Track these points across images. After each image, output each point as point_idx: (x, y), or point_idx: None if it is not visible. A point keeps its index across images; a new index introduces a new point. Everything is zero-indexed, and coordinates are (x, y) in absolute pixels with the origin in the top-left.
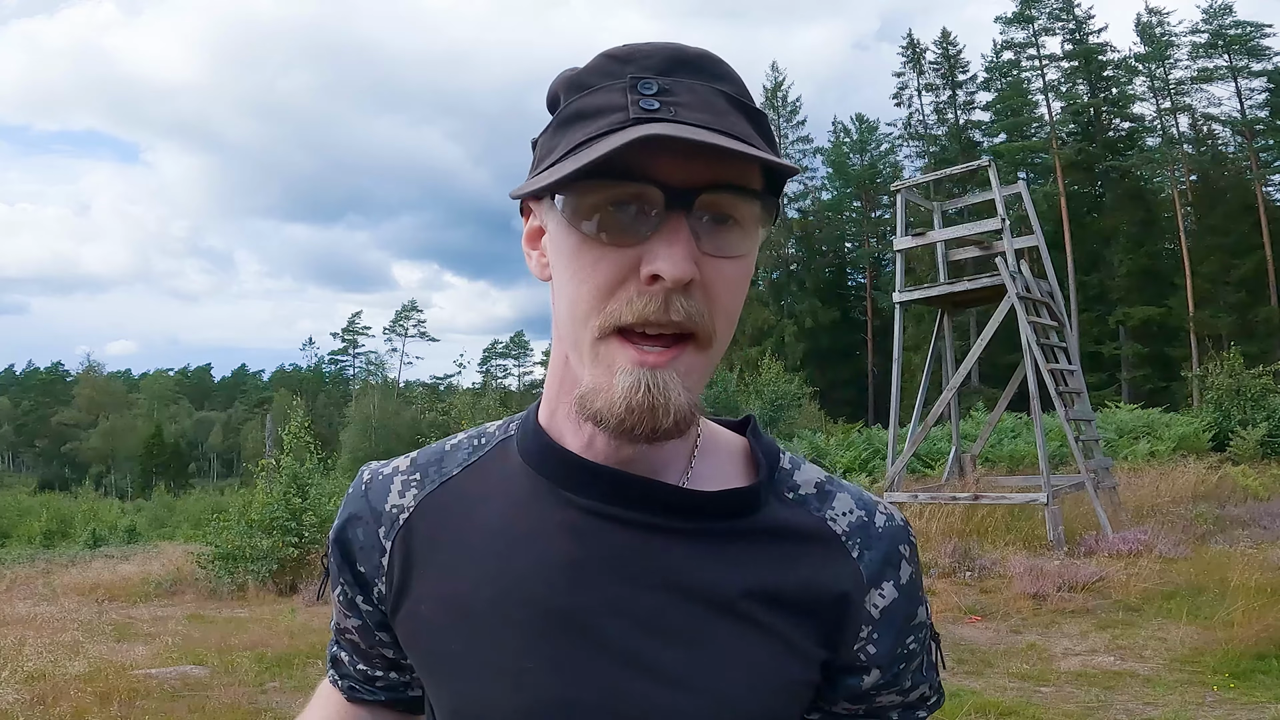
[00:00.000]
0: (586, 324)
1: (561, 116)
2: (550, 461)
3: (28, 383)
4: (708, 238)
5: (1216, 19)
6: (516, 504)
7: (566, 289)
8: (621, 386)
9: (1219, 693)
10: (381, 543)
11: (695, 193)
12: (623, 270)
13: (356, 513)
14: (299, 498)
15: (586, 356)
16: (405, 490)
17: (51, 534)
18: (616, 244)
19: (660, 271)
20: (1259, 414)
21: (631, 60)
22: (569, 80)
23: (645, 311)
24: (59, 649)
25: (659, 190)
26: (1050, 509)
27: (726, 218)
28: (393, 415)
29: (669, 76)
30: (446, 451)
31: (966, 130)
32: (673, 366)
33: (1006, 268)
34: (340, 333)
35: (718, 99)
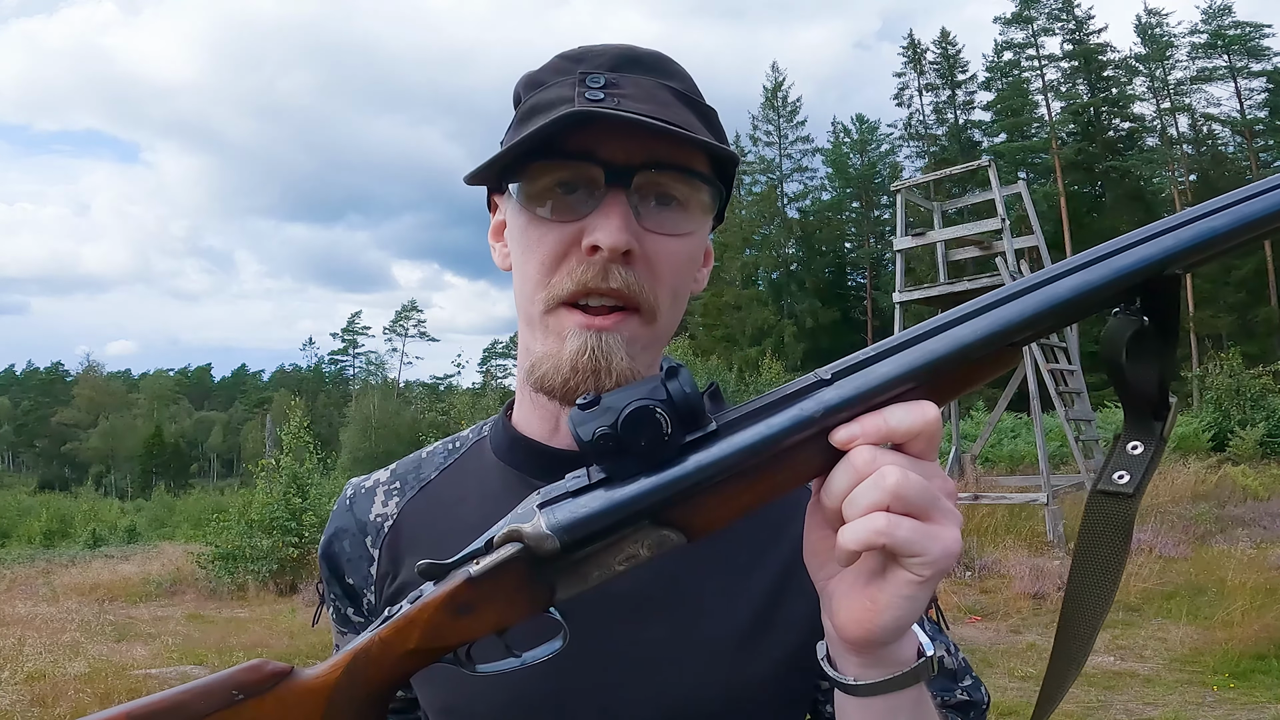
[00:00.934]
0: (535, 297)
1: (519, 113)
2: (518, 453)
3: (28, 383)
4: (649, 215)
5: (1216, 19)
6: (492, 499)
7: (519, 265)
8: (569, 349)
9: (1219, 692)
10: (369, 551)
11: (633, 170)
12: (565, 244)
13: (343, 526)
14: (299, 498)
15: (538, 328)
16: (388, 499)
17: (51, 534)
18: (561, 220)
19: (597, 241)
20: (1258, 414)
21: (583, 59)
22: (526, 79)
23: (584, 278)
24: (59, 649)
25: (599, 169)
26: (1050, 509)
27: (670, 198)
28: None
29: (617, 73)
30: (423, 459)
31: (966, 130)
32: (618, 331)
33: (1006, 268)
34: (340, 333)
35: (663, 92)
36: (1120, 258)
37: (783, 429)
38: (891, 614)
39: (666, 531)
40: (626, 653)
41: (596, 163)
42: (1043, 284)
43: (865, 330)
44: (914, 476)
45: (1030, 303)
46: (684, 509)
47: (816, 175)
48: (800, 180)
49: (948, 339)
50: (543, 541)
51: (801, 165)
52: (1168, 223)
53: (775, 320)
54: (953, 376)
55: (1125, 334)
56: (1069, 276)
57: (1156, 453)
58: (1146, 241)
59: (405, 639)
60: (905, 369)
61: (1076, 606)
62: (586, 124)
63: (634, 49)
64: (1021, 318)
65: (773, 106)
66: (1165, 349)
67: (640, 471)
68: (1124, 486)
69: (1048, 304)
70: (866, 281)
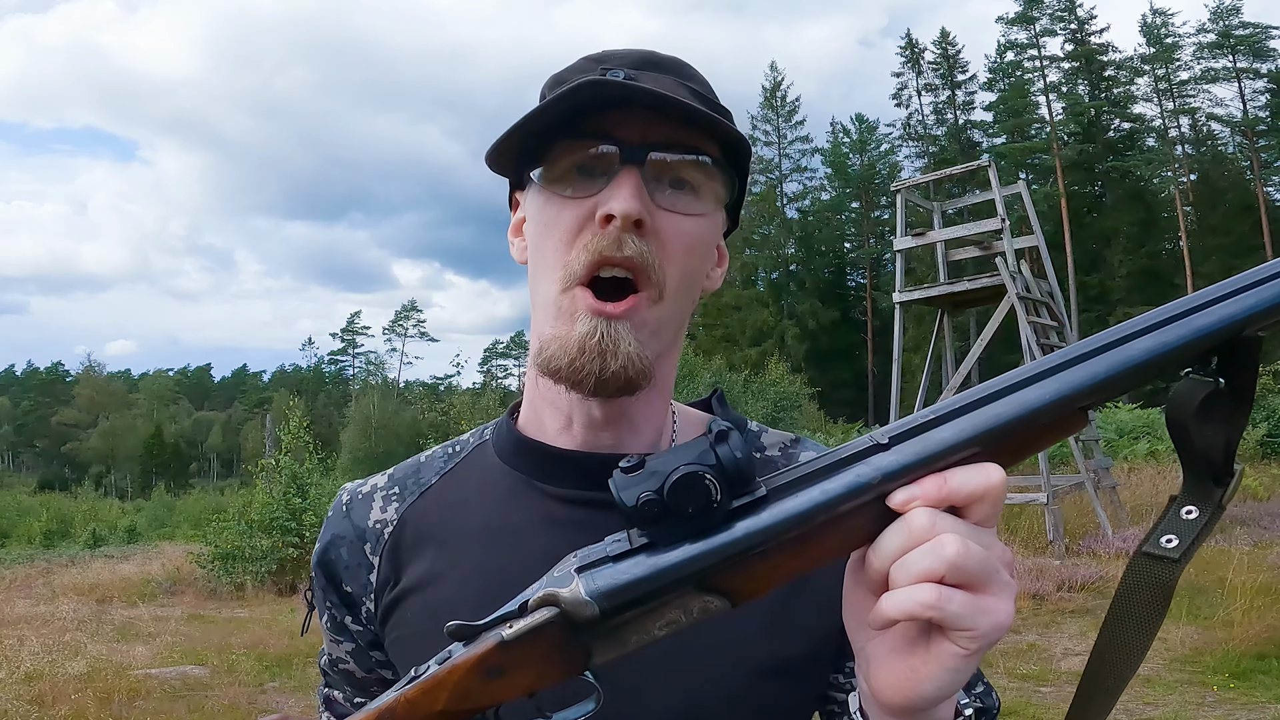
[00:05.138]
0: (553, 275)
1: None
2: (524, 455)
3: (27, 383)
4: (662, 194)
5: (1223, 19)
6: (496, 503)
7: (537, 246)
8: (578, 332)
9: (1219, 692)
10: (369, 559)
11: (647, 149)
12: (581, 218)
13: (340, 533)
14: (299, 498)
15: (552, 309)
16: (386, 505)
17: (51, 534)
18: (578, 196)
19: (610, 209)
20: (1258, 414)
21: (606, 59)
22: (552, 79)
23: (599, 246)
24: (59, 649)
25: (615, 148)
26: (1050, 509)
27: (683, 182)
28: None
29: (638, 71)
30: (422, 463)
31: (966, 130)
32: (627, 317)
33: (1006, 268)
34: (340, 333)
35: (680, 89)
36: (1198, 317)
37: (836, 495)
38: (934, 685)
39: (710, 598)
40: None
41: (612, 141)
42: (1114, 344)
43: (865, 330)
44: (975, 547)
45: (1101, 366)
46: (729, 575)
47: (816, 175)
48: (799, 180)
49: (1013, 403)
50: (581, 608)
51: (801, 165)
52: (1247, 278)
53: (775, 320)
54: (1017, 442)
55: (1198, 396)
56: (1142, 337)
57: (1211, 520)
58: (1226, 299)
59: (433, 701)
60: (968, 434)
61: (1105, 662)
62: (605, 110)
63: (655, 53)
64: (1092, 382)
65: (772, 106)
66: (1238, 413)
67: (685, 537)
68: (1170, 551)
69: (1119, 367)
70: (866, 281)
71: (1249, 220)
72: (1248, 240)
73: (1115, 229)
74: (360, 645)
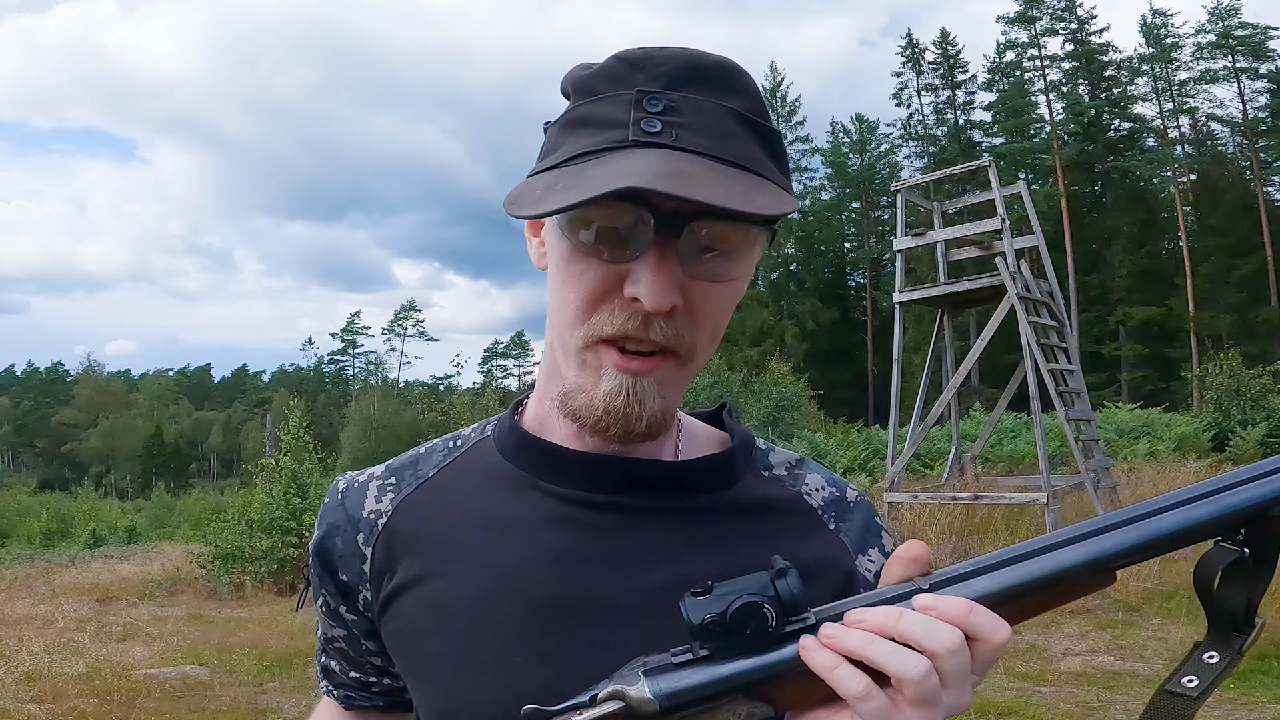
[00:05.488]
0: (572, 330)
1: (570, 118)
2: (528, 453)
3: (28, 383)
4: (696, 262)
5: (1223, 20)
6: (496, 499)
7: (557, 292)
8: (603, 389)
9: (1219, 692)
10: (361, 549)
11: (685, 219)
12: (607, 285)
13: (335, 522)
14: (299, 498)
15: (573, 359)
16: (381, 495)
17: (51, 534)
18: (604, 258)
19: (640, 297)
20: (1259, 414)
21: (643, 67)
22: (579, 81)
23: (626, 327)
24: (59, 649)
25: (650, 214)
26: (1050, 509)
27: (718, 243)
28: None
29: (678, 90)
30: (421, 455)
31: (966, 130)
32: (653, 375)
33: (1006, 268)
34: (340, 333)
35: (726, 119)
36: (1228, 496)
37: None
38: None
39: (757, 705)
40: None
41: (646, 207)
42: (1145, 516)
43: (865, 330)
44: (963, 656)
45: (1131, 535)
46: (774, 688)
47: (816, 175)
48: (800, 180)
49: (1046, 562)
50: (644, 704)
51: (801, 165)
52: (1274, 463)
53: (775, 321)
54: (1047, 596)
55: (1224, 562)
56: (1173, 511)
57: (1230, 664)
58: (1256, 481)
59: None
60: (1003, 586)
61: None
62: None
63: (698, 59)
64: (1120, 549)
65: (771, 106)
66: (1261, 578)
67: (741, 653)
68: (1190, 690)
69: (1149, 537)
70: (866, 281)
71: (1249, 220)
72: (1248, 240)
73: (1115, 229)
74: (354, 634)
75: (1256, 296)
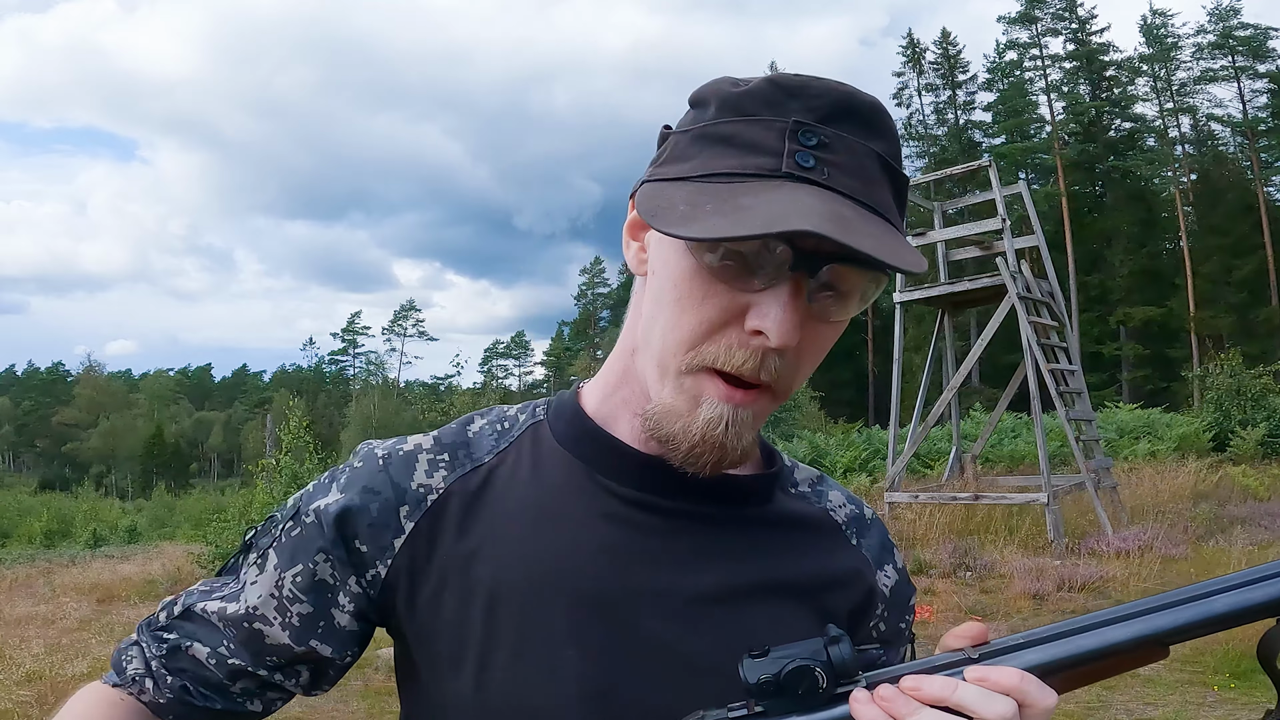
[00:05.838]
0: (678, 353)
1: (710, 132)
2: (591, 447)
3: (28, 383)
4: (817, 302)
5: (1223, 20)
6: (552, 489)
7: (668, 310)
8: (704, 417)
9: (1219, 693)
10: (400, 522)
11: (823, 260)
12: (728, 313)
13: (373, 487)
14: None
15: (670, 381)
16: (433, 470)
17: (52, 534)
18: (730, 284)
19: (767, 332)
20: (1259, 414)
21: (799, 96)
22: (728, 97)
23: (741, 368)
24: (60, 649)
25: (789, 251)
26: (1050, 509)
27: (840, 284)
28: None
29: (832, 126)
30: (472, 435)
31: (966, 130)
32: (753, 408)
33: (1007, 268)
34: (340, 333)
35: (871, 162)
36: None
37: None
38: None
39: None
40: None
41: (788, 242)
42: (1200, 598)
43: (866, 330)
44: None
45: (1184, 615)
46: None
47: None
48: None
49: (1096, 637)
50: None
51: None
52: None
53: None
54: (1095, 668)
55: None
56: (1229, 594)
57: None
58: None
59: None
60: (1053, 658)
61: None
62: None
63: (853, 96)
64: (1172, 627)
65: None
66: None
67: (793, 711)
68: None
69: (1202, 617)
70: None
71: (1249, 220)
72: (1248, 240)
73: (1116, 229)
74: (324, 614)
75: (1257, 296)
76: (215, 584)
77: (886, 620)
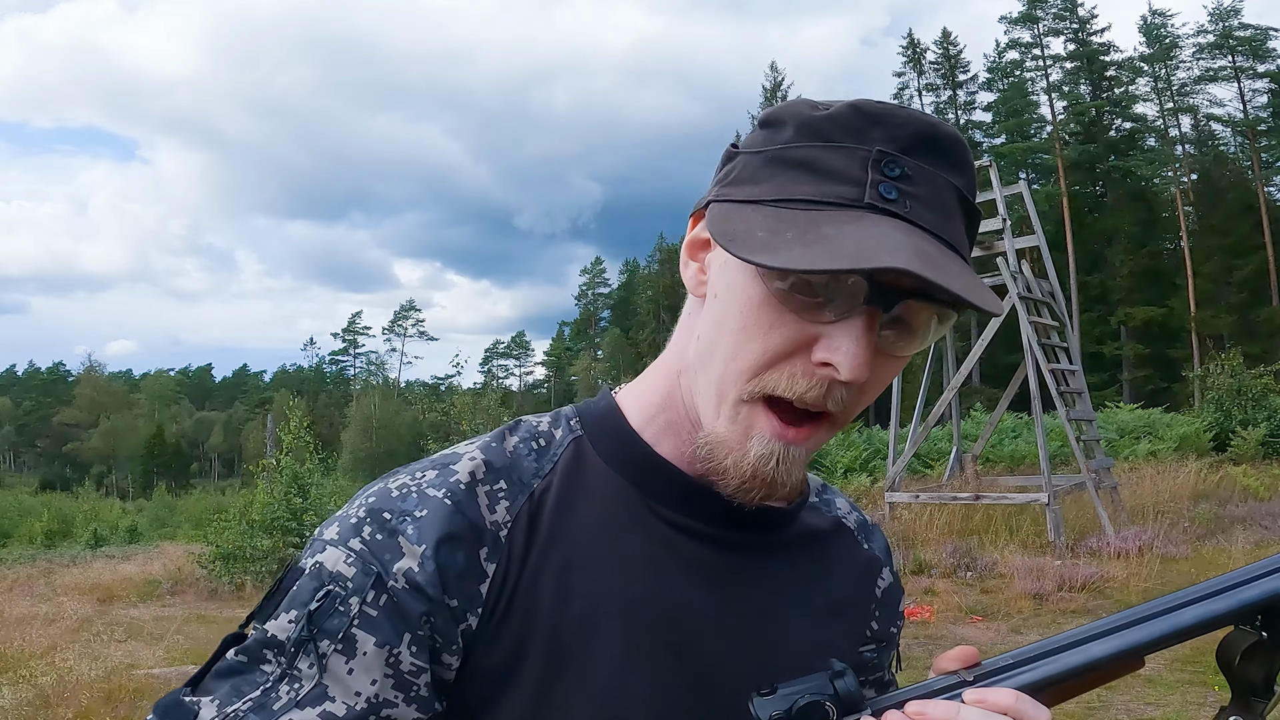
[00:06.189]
0: (739, 381)
1: (786, 155)
2: (644, 471)
3: (29, 383)
4: (886, 336)
5: (1223, 20)
6: (604, 513)
7: (731, 336)
8: (754, 453)
9: (1220, 693)
10: (482, 566)
11: (900, 296)
12: (796, 343)
13: (456, 532)
14: (299, 498)
15: (726, 409)
16: (494, 503)
17: (53, 534)
18: (799, 314)
19: (838, 365)
20: (1260, 414)
21: (882, 123)
22: (807, 121)
23: (806, 396)
24: (61, 649)
25: (864, 284)
26: (1051, 509)
27: (911, 319)
28: (393, 416)
29: (914, 157)
30: (510, 457)
31: (967, 130)
32: (806, 444)
33: (1007, 268)
34: (341, 333)
35: (950, 196)
36: (1245, 590)
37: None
38: None
39: None
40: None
41: (864, 275)
42: (1169, 611)
43: None
44: None
45: (1155, 628)
46: None
47: None
48: None
49: (1081, 654)
50: None
51: None
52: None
53: None
54: (1080, 682)
55: (1243, 644)
56: (1194, 606)
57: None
58: (1270, 575)
59: None
60: (1042, 677)
61: None
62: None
63: (937, 127)
64: (1146, 640)
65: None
66: (1278, 655)
67: None
68: None
69: (1172, 629)
70: None
71: (1250, 220)
72: (1248, 240)
73: (1116, 229)
74: (437, 677)
75: (1257, 296)
76: (247, 697)
77: (879, 621)
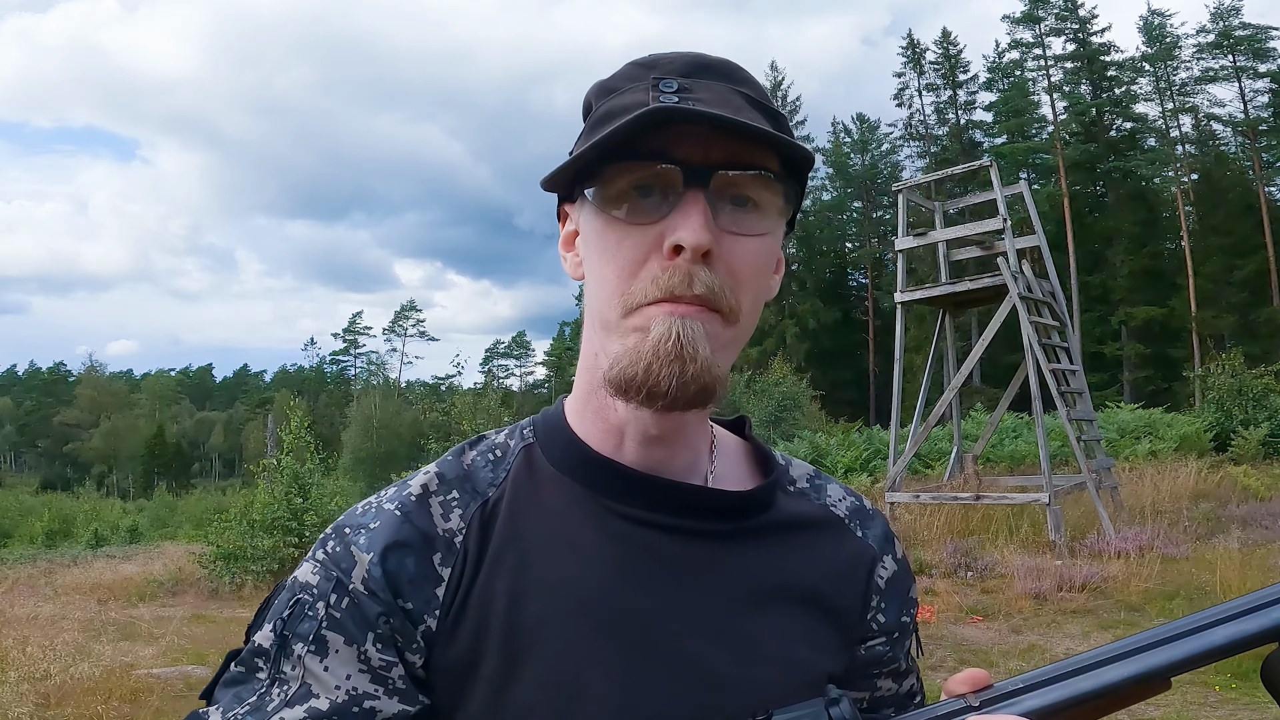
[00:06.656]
0: (613, 302)
1: (591, 120)
2: (587, 469)
3: (30, 383)
4: (726, 216)
5: (1224, 20)
6: (557, 515)
7: (596, 271)
8: (653, 336)
9: (1221, 693)
10: (436, 570)
11: (711, 170)
12: (646, 247)
13: (403, 539)
14: (300, 498)
15: (615, 331)
16: (447, 512)
17: (54, 534)
18: (640, 223)
19: (680, 240)
20: (1260, 414)
21: (655, 65)
22: (598, 87)
23: (669, 284)
24: (61, 649)
25: (677, 169)
26: (1051, 509)
27: (745, 199)
28: (394, 416)
29: (690, 79)
30: (467, 468)
31: (967, 130)
32: (700, 319)
33: (1008, 268)
34: (341, 333)
35: (735, 97)
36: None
37: None
38: None
39: None
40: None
41: (674, 163)
42: (1198, 630)
43: (867, 330)
44: None
45: (1183, 648)
46: None
47: (817, 175)
48: None
49: (1095, 678)
50: None
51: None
52: None
53: (776, 320)
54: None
55: None
56: (1223, 625)
57: None
58: None
59: None
60: (1052, 702)
61: None
62: (664, 125)
63: (705, 56)
64: (1172, 661)
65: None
66: None
67: None
68: None
69: (1202, 650)
70: (868, 281)
71: (1250, 220)
72: (1249, 240)
73: (1117, 229)
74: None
75: (1258, 296)
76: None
77: (885, 612)
